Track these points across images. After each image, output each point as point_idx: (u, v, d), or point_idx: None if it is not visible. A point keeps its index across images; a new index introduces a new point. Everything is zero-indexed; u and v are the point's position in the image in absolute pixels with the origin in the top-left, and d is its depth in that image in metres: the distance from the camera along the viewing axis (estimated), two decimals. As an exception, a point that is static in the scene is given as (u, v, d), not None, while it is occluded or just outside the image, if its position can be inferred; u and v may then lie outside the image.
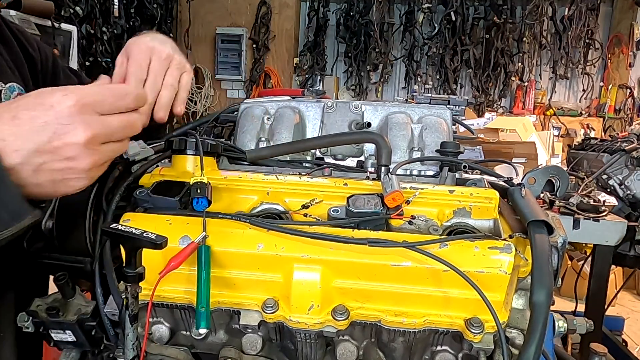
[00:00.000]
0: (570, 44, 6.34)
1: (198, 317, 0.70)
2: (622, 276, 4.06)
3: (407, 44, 6.67)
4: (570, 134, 6.10)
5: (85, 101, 0.55)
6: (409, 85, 6.75)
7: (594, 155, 2.23)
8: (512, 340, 0.74)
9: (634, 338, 3.55)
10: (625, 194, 1.99)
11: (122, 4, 5.36)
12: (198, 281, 0.69)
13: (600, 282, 1.95)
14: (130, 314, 0.63)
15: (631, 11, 6.19)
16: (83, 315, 0.76)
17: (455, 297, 0.70)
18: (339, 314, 0.71)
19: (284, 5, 6.55)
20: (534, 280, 0.65)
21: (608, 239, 1.68)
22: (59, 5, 4.28)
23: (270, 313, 0.71)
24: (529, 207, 0.76)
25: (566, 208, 1.67)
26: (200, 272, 0.69)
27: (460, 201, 0.79)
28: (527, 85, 6.55)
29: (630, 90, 6.27)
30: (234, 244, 0.72)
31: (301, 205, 0.80)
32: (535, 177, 1.02)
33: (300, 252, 0.70)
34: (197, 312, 0.70)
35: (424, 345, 0.77)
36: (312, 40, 6.80)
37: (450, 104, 3.34)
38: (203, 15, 6.61)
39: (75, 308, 0.77)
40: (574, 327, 0.85)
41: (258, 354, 0.78)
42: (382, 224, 0.76)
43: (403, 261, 0.69)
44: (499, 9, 6.24)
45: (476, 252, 0.69)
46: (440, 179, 0.90)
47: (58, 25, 3.57)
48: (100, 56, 5.27)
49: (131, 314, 0.63)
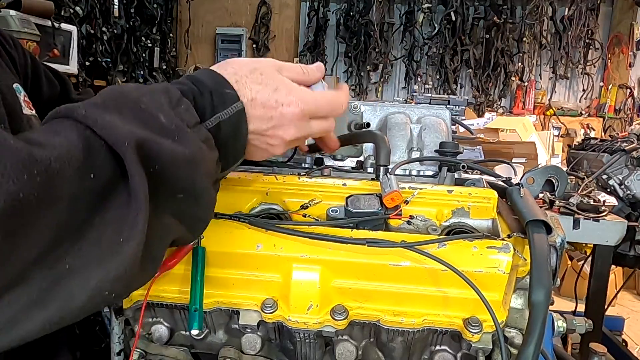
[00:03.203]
0: (570, 44, 6.34)
1: (191, 319, 0.70)
2: (622, 276, 4.06)
3: (407, 44, 6.67)
4: (570, 134, 6.11)
5: (306, 110, 0.67)
6: (409, 85, 6.76)
7: (594, 155, 2.22)
8: (511, 339, 0.74)
9: (634, 338, 3.55)
10: (625, 194, 1.99)
11: (122, 4, 5.36)
12: (192, 282, 0.69)
13: (600, 282, 1.95)
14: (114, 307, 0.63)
15: (631, 11, 6.19)
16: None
17: (453, 296, 0.70)
18: (337, 313, 0.71)
19: (284, 5, 6.55)
20: (532, 279, 0.65)
21: (608, 239, 1.67)
22: (59, 5, 4.28)
23: (270, 313, 0.72)
24: (527, 207, 0.76)
25: (566, 208, 1.67)
26: (194, 273, 0.69)
27: (459, 201, 0.79)
28: (527, 85, 6.55)
29: (630, 90, 6.27)
30: (233, 244, 0.72)
31: (300, 206, 0.80)
32: (534, 177, 1.02)
33: (299, 252, 0.71)
34: (190, 313, 0.70)
35: (423, 345, 0.77)
36: (312, 40, 6.80)
37: (450, 104, 3.35)
38: (203, 15, 6.61)
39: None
40: (573, 327, 0.85)
41: (257, 353, 0.78)
42: (381, 224, 0.76)
43: (402, 261, 0.69)
44: (499, 9, 6.25)
45: (474, 252, 0.69)
46: (439, 179, 0.90)
47: (58, 25, 3.57)
48: (100, 56, 5.27)
49: (115, 307, 0.63)
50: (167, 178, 0.51)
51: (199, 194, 0.56)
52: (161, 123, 0.52)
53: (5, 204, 0.38)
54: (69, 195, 0.44)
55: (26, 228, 0.40)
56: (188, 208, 0.55)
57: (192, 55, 6.69)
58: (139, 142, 0.48)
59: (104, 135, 0.47)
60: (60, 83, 0.98)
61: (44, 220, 0.42)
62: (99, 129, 0.48)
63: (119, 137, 0.48)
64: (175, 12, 6.56)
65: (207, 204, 0.59)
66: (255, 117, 0.64)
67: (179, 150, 0.52)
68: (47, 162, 0.42)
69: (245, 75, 0.64)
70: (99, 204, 0.46)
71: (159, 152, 0.50)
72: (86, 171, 0.45)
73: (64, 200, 0.43)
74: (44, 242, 0.42)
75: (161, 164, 0.50)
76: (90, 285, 0.44)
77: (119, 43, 5.55)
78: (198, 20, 6.61)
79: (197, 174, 0.55)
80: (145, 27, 5.96)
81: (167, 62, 6.44)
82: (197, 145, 0.55)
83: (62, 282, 0.43)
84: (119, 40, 5.54)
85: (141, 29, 5.89)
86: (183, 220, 0.56)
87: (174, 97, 0.56)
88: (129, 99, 0.53)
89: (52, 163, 0.42)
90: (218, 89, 0.61)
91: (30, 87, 0.90)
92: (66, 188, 0.43)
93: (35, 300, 0.42)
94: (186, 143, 0.53)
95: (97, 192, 0.46)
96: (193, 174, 0.54)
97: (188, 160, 0.53)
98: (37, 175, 0.40)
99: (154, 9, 5.97)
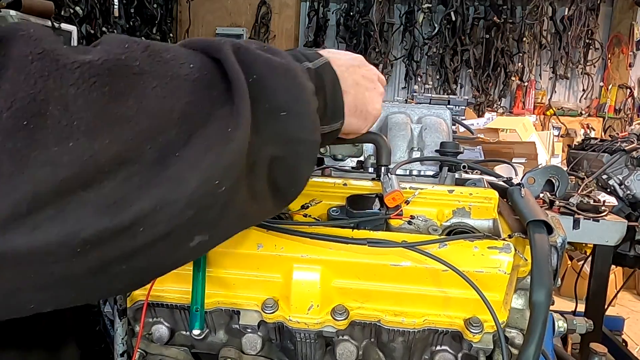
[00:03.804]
0: (570, 44, 6.34)
1: (192, 319, 0.70)
2: (622, 276, 4.06)
3: (407, 44, 6.67)
4: (570, 134, 6.10)
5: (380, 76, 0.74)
6: (409, 85, 6.75)
7: (594, 155, 2.22)
8: (512, 340, 0.74)
9: (634, 338, 3.55)
10: (625, 194, 1.99)
11: (122, 4, 5.36)
12: (194, 282, 0.69)
13: (600, 282, 1.94)
14: (118, 308, 0.63)
15: (631, 11, 6.19)
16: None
17: (454, 297, 0.70)
18: (338, 314, 0.71)
19: (284, 5, 6.55)
20: (533, 280, 0.65)
21: (608, 239, 1.67)
22: (59, 5, 4.29)
23: (270, 313, 0.72)
24: (528, 207, 0.76)
25: (566, 208, 1.67)
26: (195, 273, 0.69)
27: (460, 201, 0.79)
28: (527, 85, 6.55)
29: (630, 90, 6.27)
30: (234, 244, 0.72)
31: (301, 206, 0.80)
32: (535, 177, 1.02)
33: (300, 252, 0.71)
34: (192, 313, 0.70)
35: (424, 345, 0.77)
36: (312, 40, 6.80)
37: (450, 104, 3.35)
38: (203, 15, 6.61)
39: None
40: (573, 327, 0.85)
41: (258, 354, 0.78)
42: (382, 224, 0.76)
43: (402, 261, 0.69)
44: (499, 9, 6.24)
45: (475, 252, 0.69)
46: (440, 179, 0.90)
47: (58, 25, 3.56)
48: (101, 56, 5.27)
49: (119, 308, 0.63)
50: (266, 87, 0.51)
51: (302, 112, 0.54)
52: (269, 47, 0.56)
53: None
54: (189, 91, 0.46)
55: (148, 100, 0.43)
56: (290, 129, 0.54)
57: (192, 55, 6.68)
58: (235, 47, 0.51)
59: (208, 50, 0.50)
60: None
61: (167, 101, 0.44)
62: (207, 49, 0.50)
63: (220, 46, 0.50)
64: (175, 12, 6.56)
65: (311, 127, 0.56)
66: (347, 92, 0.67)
67: (276, 59, 0.53)
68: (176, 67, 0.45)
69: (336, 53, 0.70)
70: (208, 105, 0.47)
71: (256, 59, 0.51)
72: (203, 80, 0.47)
73: (186, 93, 0.45)
74: (163, 124, 0.44)
75: (259, 73, 0.51)
76: (201, 168, 0.45)
77: (118, 43, 5.54)
78: (198, 20, 6.61)
79: (298, 89, 0.54)
80: (145, 27, 5.96)
81: (167, 62, 6.43)
82: (296, 65, 0.56)
83: (172, 166, 0.44)
84: (119, 40, 5.53)
85: (141, 29, 5.89)
86: (286, 144, 0.54)
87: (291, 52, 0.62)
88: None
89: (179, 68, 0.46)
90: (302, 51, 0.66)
91: None
92: (187, 86, 0.46)
93: (148, 179, 0.43)
94: (285, 57, 0.56)
95: (210, 95, 0.47)
96: (294, 87, 0.54)
97: (287, 69, 0.54)
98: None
99: (154, 9, 5.97)
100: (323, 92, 0.61)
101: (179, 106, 0.45)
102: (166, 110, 0.44)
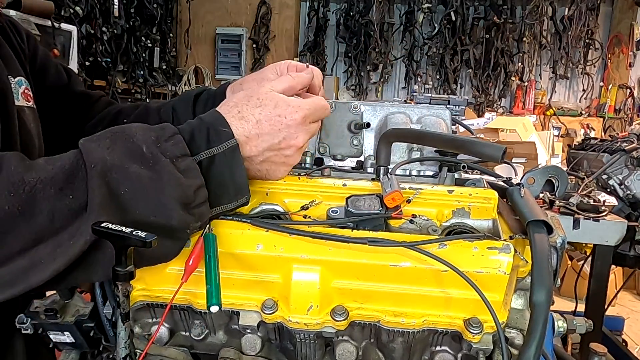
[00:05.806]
0: (570, 44, 6.34)
1: (209, 296, 0.68)
2: (622, 276, 4.06)
3: (407, 44, 6.67)
4: (570, 134, 6.11)
5: (306, 115, 0.75)
6: (409, 85, 6.76)
7: (594, 155, 2.22)
8: (512, 340, 0.74)
9: (634, 338, 3.55)
10: (625, 194, 1.99)
11: (122, 4, 5.36)
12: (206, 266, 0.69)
13: (600, 282, 1.95)
14: (121, 312, 0.63)
15: (631, 11, 6.19)
16: (81, 317, 0.76)
17: (454, 297, 0.70)
18: (338, 314, 0.71)
19: (284, 5, 6.56)
20: (533, 280, 0.65)
21: (608, 239, 1.67)
22: (59, 5, 4.29)
23: (270, 313, 0.71)
24: (528, 207, 0.76)
25: (566, 208, 1.67)
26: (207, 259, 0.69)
27: (459, 201, 0.79)
28: (527, 85, 6.55)
29: (630, 90, 6.27)
30: (234, 244, 0.72)
31: (300, 207, 0.80)
32: (534, 177, 1.02)
33: (299, 253, 0.70)
34: (207, 291, 0.68)
35: (423, 345, 0.77)
36: (312, 40, 6.80)
37: (450, 104, 3.34)
38: (203, 15, 6.61)
39: (74, 309, 0.77)
40: (573, 327, 0.85)
41: (257, 354, 0.78)
42: (382, 225, 0.76)
43: (402, 261, 0.69)
44: (499, 9, 6.25)
45: (475, 253, 0.69)
46: (440, 179, 0.90)
47: (58, 25, 3.57)
48: (100, 56, 5.28)
49: (122, 312, 0.63)
50: (137, 200, 0.60)
51: (169, 215, 0.62)
52: (142, 153, 0.62)
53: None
54: (47, 209, 0.57)
55: (6, 233, 0.55)
56: (158, 229, 0.60)
57: (192, 55, 6.69)
58: (106, 167, 0.59)
59: (85, 161, 0.59)
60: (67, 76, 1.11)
61: (24, 225, 0.56)
62: (84, 155, 0.59)
63: (91, 161, 0.59)
64: (175, 12, 6.56)
65: (178, 226, 0.63)
66: (266, 134, 0.72)
67: (144, 173, 0.61)
68: (32, 184, 0.56)
69: (245, 104, 0.73)
70: (72, 217, 0.58)
71: (126, 175, 0.60)
72: (66, 192, 0.58)
73: (43, 213, 0.56)
74: (20, 244, 0.56)
75: (130, 187, 0.60)
76: (47, 274, 0.58)
77: (119, 43, 5.55)
78: (198, 20, 6.61)
79: (165, 195, 0.61)
80: (145, 27, 5.96)
81: (167, 62, 6.44)
82: (169, 172, 0.62)
83: (30, 272, 0.57)
84: (119, 40, 5.54)
85: (141, 29, 5.89)
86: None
87: (167, 134, 0.66)
88: (126, 133, 0.64)
89: (37, 184, 0.56)
90: (216, 127, 0.69)
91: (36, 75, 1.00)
92: (45, 205, 0.56)
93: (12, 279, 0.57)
94: (158, 169, 0.62)
95: (73, 209, 0.58)
96: (160, 195, 0.61)
97: (154, 181, 0.61)
98: (22, 193, 0.56)
99: (154, 9, 5.97)
100: (221, 178, 0.69)
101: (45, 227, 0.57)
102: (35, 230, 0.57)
